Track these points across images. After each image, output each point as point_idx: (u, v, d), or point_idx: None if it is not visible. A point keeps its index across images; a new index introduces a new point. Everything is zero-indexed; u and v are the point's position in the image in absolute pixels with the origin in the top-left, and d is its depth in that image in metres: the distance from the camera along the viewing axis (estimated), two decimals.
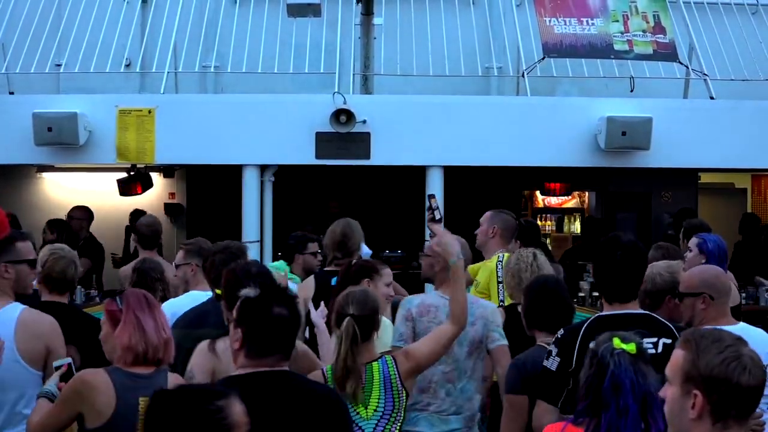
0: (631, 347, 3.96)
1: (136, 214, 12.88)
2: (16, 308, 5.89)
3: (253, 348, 4.31)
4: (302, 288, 8.24)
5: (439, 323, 6.49)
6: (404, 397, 5.75)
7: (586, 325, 5.28)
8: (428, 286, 7.94)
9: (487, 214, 9.07)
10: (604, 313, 5.34)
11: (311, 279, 8.47)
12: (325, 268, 8.62)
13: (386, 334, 6.62)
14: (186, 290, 7.62)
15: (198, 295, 7.06)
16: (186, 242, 8.32)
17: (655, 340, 5.09)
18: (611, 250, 5.38)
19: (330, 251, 8.60)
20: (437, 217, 8.74)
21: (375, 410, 5.65)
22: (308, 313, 6.80)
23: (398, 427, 5.73)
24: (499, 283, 8.29)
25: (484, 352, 6.80)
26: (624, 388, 3.95)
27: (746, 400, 3.39)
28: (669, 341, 5.08)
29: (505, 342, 6.76)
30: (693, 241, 8.41)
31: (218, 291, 5.99)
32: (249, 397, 4.12)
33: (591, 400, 4.06)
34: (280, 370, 4.32)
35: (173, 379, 4.96)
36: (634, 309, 5.25)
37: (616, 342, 4.00)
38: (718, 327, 5.55)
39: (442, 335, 5.96)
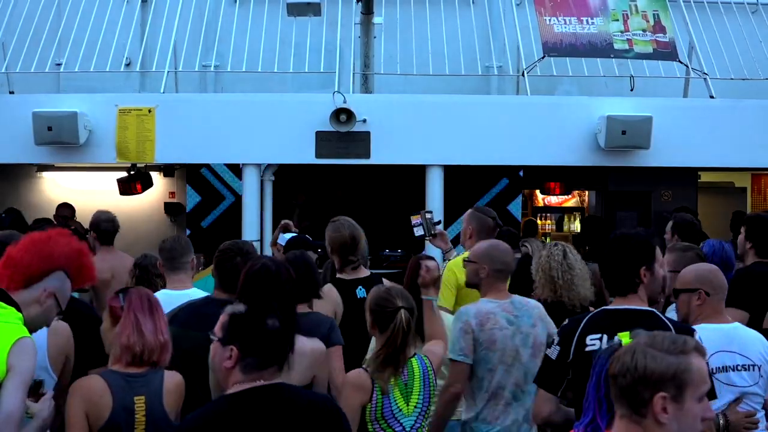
0: (628, 339, 3.89)
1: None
2: None
3: (249, 364, 4.21)
4: (327, 301, 7.49)
5: (501, 328, 6.48)
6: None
7: (587, 317, 5.28)
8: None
9: (467, 213, 9.01)
10: (608, 307, 5.33)
11: (332, 289, 7.70)
12: (339, 275, 8.01)
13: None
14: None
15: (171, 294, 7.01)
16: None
17: None
18: (604, 247, 5.40)
19: (338, 256, 8.07)
20: (436, 231, 8.70)
21: (415, 406, 5.66)
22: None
23: (427, 422, 5.76)
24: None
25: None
26: (591, 378, 3.94)
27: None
28: None
29: None
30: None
31: None
32: (249, 413, 4.14)
33: None
34: (276, 383, 4.24)
35: (170, 378, 5.02)
36: (636, 305, 5.17)
37: (622, 336, 3.94)
38: (712, 325, 5.60)
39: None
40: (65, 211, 13.08)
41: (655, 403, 3.27)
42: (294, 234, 9.35)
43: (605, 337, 4.99)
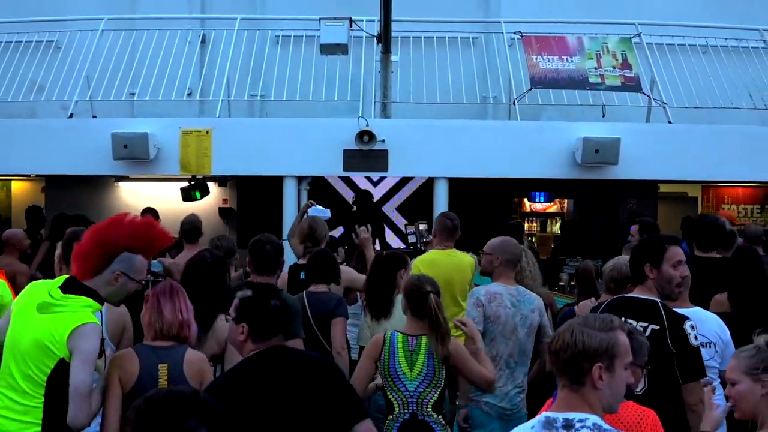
0: None
1: (33, 210, 12.83)
2: None
3: (257, 336, 4.31)
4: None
5: (504, 307, 6.57)
6: (444, 370, 5.67)
7: (608, 302, 5.39)
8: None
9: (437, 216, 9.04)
10: (625, 294, 5.43)
11: (285, 272, 7.90)
12: (297, 261, 8.17)
13: None
14: None
15: None
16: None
17: (645, 324, 5.06)
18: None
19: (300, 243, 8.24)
20: (428, 239, 8.64)
21: (418, 374, 5.62)
22: None
23: (438, 392, 5.66)
24: None
25: (534, 337, 6.77)
26: None
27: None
28: (657, 327, 5.06)
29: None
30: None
31: None
32: (257, 371, 4.22)
33: None
34: (279, 345, 4.32)
35: (192, 353, 4.98)
36: (644, 294, 5.23)
37: None
38: (676, 308, 5.58)
39: (478, 372, 5.79)
40: (149, 214, 13.14)
41: (594, 372, 3.29)
42: (319, 208, 9.50)
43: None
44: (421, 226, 8.94)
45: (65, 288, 4.70)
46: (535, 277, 7.50)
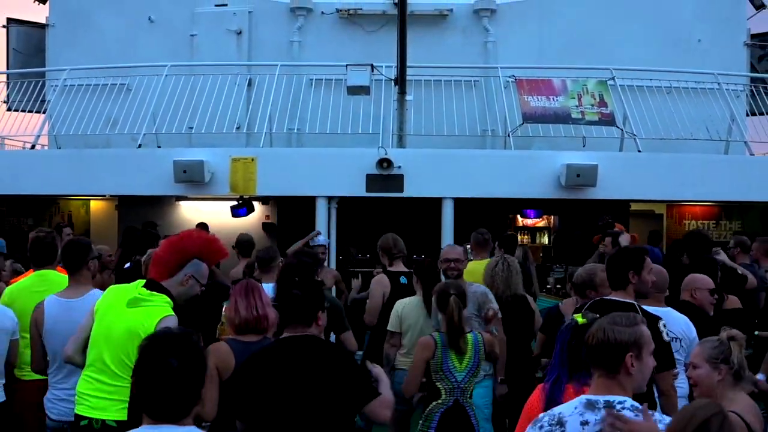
0: (582, 320, 3.89)
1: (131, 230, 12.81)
2: None
3: (283, 321, 4.35)
4: (378, 282, 7.93)
5: None
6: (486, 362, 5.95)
7: (589, 303, 5.35)
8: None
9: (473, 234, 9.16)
10: (604, 297, 5.35)
11: (385, 276, 7.94)
12: (390, 269, 8.14)
13: None
14: None
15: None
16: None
17: None
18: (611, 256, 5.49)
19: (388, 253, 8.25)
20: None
21: (466, 366, 5.70)
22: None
23: (475, 381, 5.84)
24: None
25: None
26: (556, 346, 3.96)
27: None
28: None
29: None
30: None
31: None
32: (283, 351, 4.21)
33: None
34: (305, 334, 4.26)
35: None
36: (622, 297, 5.16)
37: (577, 317, 3.95)
38: (651, 307, 5.56)
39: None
40: (202, 227, 13.20)
41: (627, 360, 3.34)
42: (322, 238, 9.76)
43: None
44: (467, 246, 8.98)
45: (147, 287, 4.83)
46: (510, 282, 7.45)
